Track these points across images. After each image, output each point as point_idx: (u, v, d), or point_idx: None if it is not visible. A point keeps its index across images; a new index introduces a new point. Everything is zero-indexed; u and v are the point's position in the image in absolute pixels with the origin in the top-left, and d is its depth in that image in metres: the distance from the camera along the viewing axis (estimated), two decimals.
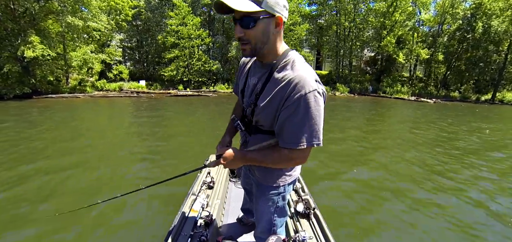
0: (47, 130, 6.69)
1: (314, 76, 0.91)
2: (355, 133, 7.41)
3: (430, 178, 4.12)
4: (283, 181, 1.14)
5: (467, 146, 6.37)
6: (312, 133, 0.90)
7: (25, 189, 3.36)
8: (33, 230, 2.53)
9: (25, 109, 9.85)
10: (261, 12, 0.84)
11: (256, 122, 1.04)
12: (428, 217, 2.92)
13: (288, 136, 0.92)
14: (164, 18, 20.72)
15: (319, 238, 1.52)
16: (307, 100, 0.86)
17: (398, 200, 3.34)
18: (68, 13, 13.56)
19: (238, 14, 0.84)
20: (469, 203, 3.34)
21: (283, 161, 0.97)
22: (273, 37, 0.91)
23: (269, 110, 0.95)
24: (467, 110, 15.30)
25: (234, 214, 2.12)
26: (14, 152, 4.78)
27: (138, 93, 17.32)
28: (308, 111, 0.87)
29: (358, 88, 24.20)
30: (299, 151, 0.93)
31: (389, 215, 2.96)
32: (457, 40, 23.22)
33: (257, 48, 0.90)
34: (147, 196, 3.19)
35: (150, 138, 6.29)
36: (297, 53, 0.97)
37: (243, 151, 1.05)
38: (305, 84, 0.86)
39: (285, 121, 0.91)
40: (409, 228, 2.71)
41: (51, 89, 14.22)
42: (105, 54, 17.45)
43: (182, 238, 1.47)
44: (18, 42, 12.25)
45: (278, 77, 0.92)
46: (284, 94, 0.89)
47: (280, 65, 0.94)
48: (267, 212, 1.22)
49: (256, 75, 1.03)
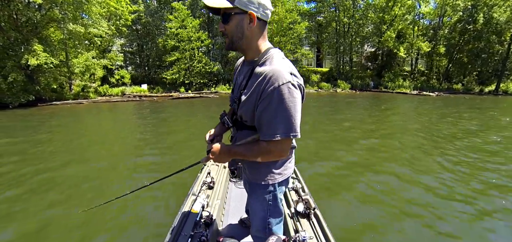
0: (55, 135, 6.82)
1: (290, 69, 0.94)
2: (354, 130, 7.38)
3: (431, 175, 3.98)
4: (272, 179, 1.15)
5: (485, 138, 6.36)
6: (287, 124, 0.92)
7: (27, 189, 3.46)
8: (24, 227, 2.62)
9: (31, 116, 10.01)
10: (234, 8, 0.92)
11: (240, 117, 1.08)
12: (428, 217, 2.89)
13: (265, 128, 0.96)
14: (164, 22, 20.89)
15: (319, 238, 1.51)
16: (281, 92, 0.89)
17: (399, 200, 3.28)
18: (69, 21, 13.75)
19: (221, 11, 0.94)
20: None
21: (262, 153, 1.00)
22: (249, 33, 0.97)
23: (248, 105, 1.00)
24: (472, 102, 15.17)
25: (234, 214, 2.13)
26: (28, 158, 4.90)
27: (141, 97, 17.48)
28: (282, 103, 0.90)
29: (359, 84, 24.17)
30: (275, 142, 0.96)
31: (390, 215, 2.93)
32: (458, 32, 23.04)
33: (234, 41, 0.98)
34: (147, 197, 3.17)
35: (153, 139, 6.38)
36: (278, 51, 1.02)
37: (229, 146, 1.10)
38: (279, 77, 0.89)
39: (261, 114, 0.95)
40: (409, 228, 2.69)
41: (55, 97, 14.42)
42: (106, 59, 17.64)
43: (182, 238, 1.47)
44: (21, 51, 12.45)
45: (257, 72, 0.97)
46: (260, 88, 0.93)
47: (260, 62, 0.99)
48: (260, 210, 1.23)
49: (243, 73, 1.10)
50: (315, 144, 5.86)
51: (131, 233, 2.55)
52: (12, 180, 3.88)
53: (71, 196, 3.40)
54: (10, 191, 3.51)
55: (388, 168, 4.41)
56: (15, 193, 3.47)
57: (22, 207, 3.11)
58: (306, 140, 6.01)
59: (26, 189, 3.58)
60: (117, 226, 2.66)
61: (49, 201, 3.23)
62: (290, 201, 1.85)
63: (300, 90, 0.96)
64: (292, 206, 1.77)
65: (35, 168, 4.35)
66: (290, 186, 2.01)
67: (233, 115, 1.19)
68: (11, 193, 3.46)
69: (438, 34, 24.09)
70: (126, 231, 2.59)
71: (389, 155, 5.15)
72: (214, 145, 1.07)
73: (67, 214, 2.89)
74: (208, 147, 1.12)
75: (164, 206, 3.04)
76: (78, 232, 2.57)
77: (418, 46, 23.41)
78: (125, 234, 2.54)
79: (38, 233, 2.59)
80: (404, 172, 4.19)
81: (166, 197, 3.20)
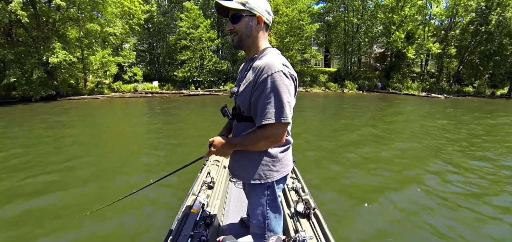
0: (79, 125, 7.36)
1: (282, 61, 1.06)
2: (356, 131, 7.35)
3: (431, 178, 3.94)
4: (271, 176, 1.18)
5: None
6: (279, 108, 1.01)
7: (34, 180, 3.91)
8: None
9: (54, 109, 10.66)
10: (245, 10, 1.07)
11: (238, 107, 1.19)
12: (429, 217, 2.89)
13: (259, 114, 1.05)
14: (175, 21, 21.41)
15: (319, 238, 1.51)
16: (273, 79, 1.01)
17: (400, 200, 3.27)
18: (87, 20, 14.43)
19: (231, 12, 1.09)
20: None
21: (260, 139, 1.08)
22: (256, 33, 1.12)
23: (245, 95, 1.11)
24: (482, 106, 14.94)
25: (234, 214, 2.13)
26: (57, 147, 5.40)
27: (152, 94, 18.10)
28: (274, 88, 1.00)
29: (367, 85, 24.07)
30: (270, 127, 1.04)
31: (390, 216, 2.92)
32: (470, 33, 22.63)
33: (242, 38, 1.12)
34: (147, 197, 3.20)
35: (166, 134, 6.81)
36: (275, 49, 1.16)
37: (229, 138, 1.19)
38: (271, 67, 1.02)
39: (256, 101, 1.06)
40: (409, 228, 2.70)
41: (71, 92, 15.16)
42: (120, 57, 18.32)
43: (182, 238, 1.48)
44: (42, 49, 13.19)
45: (255, 66, 1.10)
46: (255, 78, 1.06)
47: (258, 58, 1.13)
48: (259, 207, 1.26)
49: (244, 69, 1.22)
50: (315, 144, 5.93)
51: (131, 233, 2.55)
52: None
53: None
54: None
55: (390, 167, 4.45)
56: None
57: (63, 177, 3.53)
58: (307, 140, 6.04)
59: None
60: (117, 226, 2.67)
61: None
62: (290, 201, 1.85)
63: (292, 80, 1.07)
64: (292, 206, 1.77)
65: (70, 155, 4.83)
66: (290, 186, 2.04)
67: (234, 109, 1.27)
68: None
69: (449, 35, 23.72)
70: (126, 231, 2.59)
71: (391, 156, 5.17)
72: (215, 138, 1.16)
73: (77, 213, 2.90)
74: (209, 141, 1.18)
75: (164, 205, 3.05)
76: (77, 233, 2.58)
77: (428, 47, 23.12)
78: (125, 234, 2.54)
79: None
80: (405, 174, 4.18)
81: (166, 197, 3.23)
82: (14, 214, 2.90)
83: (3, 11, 11.43)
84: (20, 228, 2.65)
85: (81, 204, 3.07)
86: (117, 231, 2.58)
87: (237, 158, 1.24)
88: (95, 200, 3.24)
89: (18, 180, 3.75)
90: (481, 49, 22.47)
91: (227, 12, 1.11)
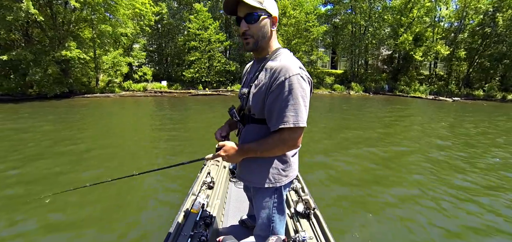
0: (94, 121, 7.73)
1: (298, 64, 1.02)
2: (357, 131, 7.43)
3: (433, 180, 3.96)
4: (280, 181, 1.16)
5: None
6: (297, 113, 0.98)
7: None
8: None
9: (69, 106, 11.14)
10: (263, 10, 1.01)
11: (248, 109, 1.12)
12: (429, 218, 2.88)
13: (276, 118, 1.01)
14: (183, 22, 21.86)
15: (319, 238, 1.51)
16: (291, 82, 0.97)
17: (400, 200, 3.29)
18: (100, 21, 14.97)
19: (243, 11, 1.01)
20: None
21: (277, 144, 1.04)
22: (270, 34, 1.07)
23: (258, 96, 1.06)
24: (492, 109, 14.63)
25: (234, 214, 2.12)
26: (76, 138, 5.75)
27: (162, 93, 18.55)
28: (292, 92, 0.97)
29: (373, 87, 23.97)
30: (288, 131, 1.00)
31: (390, 216, 2.93)
32: (480, 36, 22.29)
33: (259, 40, 1.05)
34: (147, 197, 3.23)
35: (174, 131, 7.11)
36: (287, 50, 1.12)
37: (241, 144, 1.12)
38: (289, 69, 0.98)
39: (272, 104, 1.01)
40: (410, 228, 2.70)
41: (84, 90, 15.72)
42: (131, 57, 18.86)
43: (182, 238, 1.48)
44: (58, 48, 13.75)
45: (268, 67, 1.06)
46: (270, 80, 1.01)
47: (271, 58, 1.08)
48: (266, 210, 1.24)
49: (253, 71, 1.17)
50: (315, 144, 6.01)
51: (131, 233, 2.55)
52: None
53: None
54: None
55: (391, 167, 4.50)
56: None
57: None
58: (307, 140, 6.10)
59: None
60: (118, 226, 2.67)
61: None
62: (290, 201, 1.86)
63: (308, 84, 1.04)
64: (292, 206, 1.77)
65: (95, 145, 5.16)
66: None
67: (240, 111, 1.23)
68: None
69: (458, 37, 23.42)
70: (126, 231, 2.59)
71: (392, 156, 5.22)
72: (226, 143, 1.11)
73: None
74: (218, 145, 1.12)
75: (164, 206, 3.06)
76: (75, 232, 2.57)
77: (437, 49, 22.87)
78: (125, 234, 2.54)
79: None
80: (405, 175, 4.21)
81: (166, 197, 3.24)
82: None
83: (18, 10, 11.85)
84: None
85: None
86: (117, 231, 2.58)
87: (245, 162, 1.18)
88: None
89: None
90: (490, 51, 22.10)
91: (235, 10, 1.05)
